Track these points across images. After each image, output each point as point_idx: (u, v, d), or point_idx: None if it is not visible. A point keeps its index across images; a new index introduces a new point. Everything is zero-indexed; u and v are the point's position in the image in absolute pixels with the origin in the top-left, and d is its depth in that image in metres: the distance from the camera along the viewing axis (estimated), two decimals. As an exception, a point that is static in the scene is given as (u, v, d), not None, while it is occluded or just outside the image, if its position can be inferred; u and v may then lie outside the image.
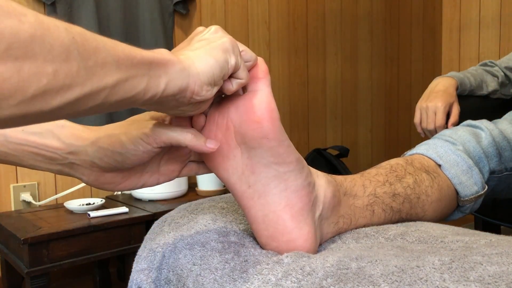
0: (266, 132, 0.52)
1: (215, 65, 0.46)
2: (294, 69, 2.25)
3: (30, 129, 0.50)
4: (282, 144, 0.53)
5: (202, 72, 0.45)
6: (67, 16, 1.57)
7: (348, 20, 2.45)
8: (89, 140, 0.51)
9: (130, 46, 0.39)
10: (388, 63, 2.64)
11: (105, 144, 0.51)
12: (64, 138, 0.51)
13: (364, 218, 0.63)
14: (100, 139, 0.51)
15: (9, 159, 0.51)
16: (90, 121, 1.64)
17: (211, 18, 1.99)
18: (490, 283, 0.40)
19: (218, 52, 0.47)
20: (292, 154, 0.54)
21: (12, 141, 0.50)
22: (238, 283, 0.48)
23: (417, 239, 0.57)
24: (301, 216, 0.54)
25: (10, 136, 0.50)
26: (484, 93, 1.39)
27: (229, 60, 0.48)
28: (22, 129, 0.50)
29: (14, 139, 0.50)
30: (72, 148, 0.51)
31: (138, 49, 0.40)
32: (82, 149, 0.51)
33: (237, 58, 0.49)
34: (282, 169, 0.53)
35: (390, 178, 0.67)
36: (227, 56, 0.48)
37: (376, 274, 0.44)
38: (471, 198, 0.74)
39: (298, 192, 0.54)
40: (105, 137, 0.51)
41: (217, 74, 0.47)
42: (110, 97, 0.37)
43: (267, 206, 0.54)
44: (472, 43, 2.72)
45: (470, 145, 0.77)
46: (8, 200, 1.56)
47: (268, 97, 0.52)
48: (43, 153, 0.51)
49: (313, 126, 2.34)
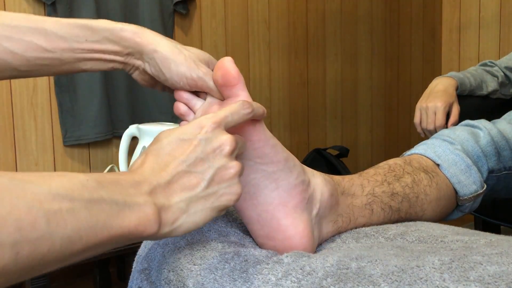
0: (249, 135, 0.52)
1: (201, 224, 0.46)
2: (294, 69, 2.25)
3: (92, 38, 0.58)
4: (267, 144, 0.53)
5: (182, 232, 0.44)
6: (67, 16, 1.57)
7: (348, 20, 2.45)
8: (148, 48, 0.58)
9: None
10: (388, 63, 2.64)
11: (158, 60, 0.57)
12: (124, 42, 0.58)
13: (363, 217, 0.63)
14: (157, 54, 0.57)
15: (65, 68, 0.59)
16: (90, 117, 1.64)
17: (211, 18, 1.99)
18: (490, 283, 0.40)
19: (214, 213, 0.46)
20: (279, 153, 0.54)
21: (77, 52, 0.58)
22: (238, 283, 0.49)
23: (417, 239, 0.57)
24: (295, 214, 0.54)
25: (76, 48, 0.57)
26: (484, 93, 1.39)
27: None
28: (86, 39, 0.57)
29: (80, 50, 0.57)
30: (129, 49, 0.58)
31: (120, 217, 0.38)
32: (138, 54, 0.59)
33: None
34: (270, 169, 0.54)
35: (389, 178, 0.67)
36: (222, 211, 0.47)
37: (376, 274, 0.44)
38: (470, 197, 0.74)
39: (291, 191, 0.54)
40: (161, 55, 0.57)
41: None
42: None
43: (259, 206, 0.54)
44: (472, 43, 2.72)
45: (469, 145, 0.77)
46: (8, 200, 1.56)
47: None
48: (105, 57, 0.59)
49: (313, 126, 2.34)
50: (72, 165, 1.66)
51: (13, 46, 0.56)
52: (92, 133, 1.65)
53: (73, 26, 0.57)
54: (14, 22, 0.57)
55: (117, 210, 0.37)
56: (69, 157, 1.65)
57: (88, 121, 1.64)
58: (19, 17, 0.57)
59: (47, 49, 0.57)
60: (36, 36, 0.57)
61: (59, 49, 0.57)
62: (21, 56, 0.57)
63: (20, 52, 0.57)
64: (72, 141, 1.63)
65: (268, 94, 2.17)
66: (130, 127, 1.60)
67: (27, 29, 0.56)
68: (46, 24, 0.57)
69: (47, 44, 0.57)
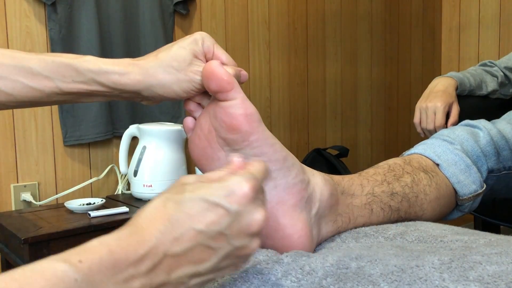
0: (246, 136, 0.53)
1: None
2: (294, 69, 2.25)
3: (78, 78, 0.56)
4: (265, 143, 0.53)
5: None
6: (67, 16, 1.57)
7: (348, 20, 2.45)
8: (141, 86, 0.57)
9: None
10: (388, 63, 2.64)
11: (158, 90, 0.57)
12: (112, 85, 0.57)
13: (363, 217, 0.63)
14: (154, 87, 0.57)
15: (58, 102, 0.59)
16: (90, 117, 1.64)
17: (211, 19, 1.99)
18: (489, 283, 0.40)
19: (209, 282, 0.40)
20: (277, 152, 0.54)
21: (66, 91, 0.57)
22: (238, 283, 0.49)
23: (417, 238, 0.57)
24: (294, 213, 0.54)
25: (64, 88, 0.56)
26: (483, 93, 1.39)
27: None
28: (72, 79, 0.56)
29: (68, 90, 0.57)
30: (121, 90, 0.57)
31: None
32: (132, 92, 0.58)
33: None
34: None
35: (388, 178, 0.67)
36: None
37: (376, 273, 0.44)
38: (470, 197, 0.74)
39: (289, 190, 0.54)
40: (158, 85, 0.57)
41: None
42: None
43: None
44: (472, 43, 2.72)
45: (468, 144, 0.77)
46: (8, 200, 1.56)
47: (243, 104, 0.53)
48: (97, 95, 0.58)
49: (313, 126, 2.34)
50: (72, 165, 1.66)
51: (0, 84, 0.55)
52: (92, 133, 1.65)
53: (58, 65, 0.55)
54: (0, 60, 0.55)
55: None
56: (69, 157, 1.65)
57: (88, 121, 1.64)
58: (4, 55, 0.55)
59: (35, 88, 0.56)
60: (23, 75, 0.55)
61: (47, 88, 0.56)
62: (8, 95, 0.56)
63: (8, 90, 0.56)
64: (73, 141, 1.64)
65: (268, 94, 2.17)
66: (130, 127, 1.60)
67: (13, 67, 0.55)
68: (31, 62, 0.55)
69: (34, 83, 0.56)
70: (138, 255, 0.34)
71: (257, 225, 0.39)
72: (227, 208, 0.38)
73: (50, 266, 0.31)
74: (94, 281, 0.32)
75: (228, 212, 0.38)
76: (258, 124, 0.53)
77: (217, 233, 0.37)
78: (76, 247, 0.34)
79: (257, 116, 0.53)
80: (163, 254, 0.36)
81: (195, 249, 0.37)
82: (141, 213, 0.38)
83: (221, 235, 0.38)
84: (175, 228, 0.36)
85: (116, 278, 0.33)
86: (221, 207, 0.38)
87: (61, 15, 1.55)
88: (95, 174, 1.70)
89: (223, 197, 0.38)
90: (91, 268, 0.32)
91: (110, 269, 0.33)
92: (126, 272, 0.34)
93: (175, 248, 0.36)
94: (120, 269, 0.33)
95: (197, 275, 0.38)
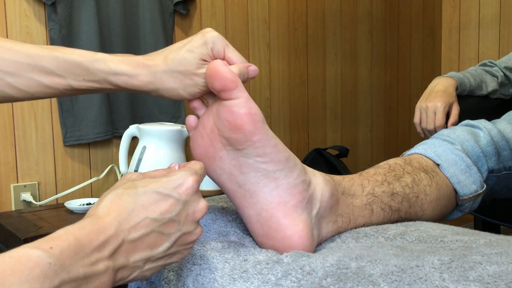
0: (249, 136, 0.52)
1: (149, 277, 0.46)
2: (294, 69, 2.25)
3: (89, 77, 0.58)
4: (268, 143, 0.53)
5: (128, 282, 0.45)
6: (67, 16, 1.57)
7: (348, 20, 2.45)
8: (149, 88, 0.58)
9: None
10: (388, 63, 2.64)
11: (165, 93, 0.59)
12: (122, 85, 0.59)
13: (363, 217, 0.63)
14: (160, 91, 0.59)
15: (69, 96, 0.63)
16: (90, 117, 1.64)
17: (211, 19, 1.99)
18: (489, 283, 0.40)
19: (162, 268, 0.47)
20: (280, 152, 0.54)
21: (78, 88, 0.59)
22: (238, 283, 0.49)
23: (417, 238, 0.57)
24: (295, 213, 0.54)
25: (76, 85, 0.58)
26: (483, 93, 1.39)
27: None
28: (83, 78, 0.59)
29: (80, 87, 0.59)
30: (131, 90, 0.59)
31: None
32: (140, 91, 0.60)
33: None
34: (270, 168, 0.54)
35: (389, 178, 0.67)
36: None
37: (376, 273, 0.44)
38: (470, 197, 0.74)
39: (290, 190, 0.54)
40: (165, 89, 0.58)
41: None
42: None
43: (259, 204, 0.54)
44: (472, 43, 2.72)
45: (469, 144, 0.77)
46: (8, 200, 1.56)
47: (246, 103, 0.53)
48: (108, 91, 0.61)
49: (313, 126, 2.34)
50: (72, 165, 1.66)
51: (16, 81, 0.58)
52: (92, 133, 1.65)
53: (70, 64, 0.58)
54: (15, 57, 0.58)
55: (75, 287, 0.37)
56: (69, 157, 1.65)
57: (88, 121, 1.64)
58: (19, 51, 0.58)
59: (48, 86, 0.59)
60: (37, 73, 0.58)
61: (60, 85, 0.59)
62: (23, 92, 0.59)
63: (23, 87, 0.59)
64: (73, 141, 1.63)
65: (268, 94, 2.17)
66: (130, 127, 1.60)
67: (27, 65, 0.58)
68: (45, 61, 0.58)
69: (48, 81, 0.58)
70: (100, 241, 0.39)
71: (201, 212, 0.47)
72: (177, 198, 0.44)
73: (25, 253, 0.35)
74: (65, 264, 0.36)
75: (177, 201, 0.44)
76: (262, 124, 0.53)
77: (169, 220, 0.44)
78: (44, 237, 0.38)
79: (260, 116, 0.53)
80: (122, 240, 0.41)
81: (150, 235, 0.43)
82: (98, 205, 0.43)
83: (172, 222, 0.44)
84: (132, 217, 0.42)
85: (83, 261, 0.37)
86: (172, 197, 0.44)
87: (61, 15, 1.55)
88: (95, 174, 1.70)
89: (173, 189, 0.45)
90: (62, 253, 0.36)
91: (78, 254, 0.37)
92: (92, 256, 0.38)
93: (132, 234, 0.42)
94: (86, 253, 0.38)
95: (151, 260, 0.44)
